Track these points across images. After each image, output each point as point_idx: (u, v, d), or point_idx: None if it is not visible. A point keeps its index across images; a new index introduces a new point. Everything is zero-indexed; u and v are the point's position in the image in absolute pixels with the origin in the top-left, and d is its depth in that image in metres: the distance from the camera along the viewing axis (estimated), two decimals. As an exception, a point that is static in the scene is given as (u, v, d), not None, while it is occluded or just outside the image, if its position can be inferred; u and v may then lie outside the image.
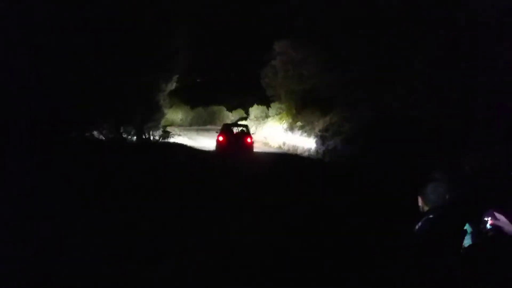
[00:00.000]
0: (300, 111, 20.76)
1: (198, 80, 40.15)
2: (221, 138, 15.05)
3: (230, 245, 5.42)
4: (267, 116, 27.61)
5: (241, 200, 7.73)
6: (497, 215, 2.10)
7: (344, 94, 15.37)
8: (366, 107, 13.26)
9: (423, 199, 2.56)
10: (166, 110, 22.74)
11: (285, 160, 15.01)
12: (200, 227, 6.03)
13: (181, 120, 34.17)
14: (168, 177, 9.11)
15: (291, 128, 20.71)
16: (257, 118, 28.88)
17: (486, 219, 2.10)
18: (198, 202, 7.46)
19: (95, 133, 13.83)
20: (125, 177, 8.13)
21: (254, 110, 29.84)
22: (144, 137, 16.39)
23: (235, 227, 6.05)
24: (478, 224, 2.11)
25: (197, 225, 6.13)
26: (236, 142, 15.05)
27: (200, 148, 16.79)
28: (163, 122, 21.48)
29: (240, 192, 8.29)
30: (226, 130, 16.08)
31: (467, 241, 2.13)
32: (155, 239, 5.54)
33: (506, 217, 2.09)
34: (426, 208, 2.53)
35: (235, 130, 16.96)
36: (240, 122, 22.75)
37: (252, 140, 15.80)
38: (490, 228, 2.09)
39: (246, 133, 16.05)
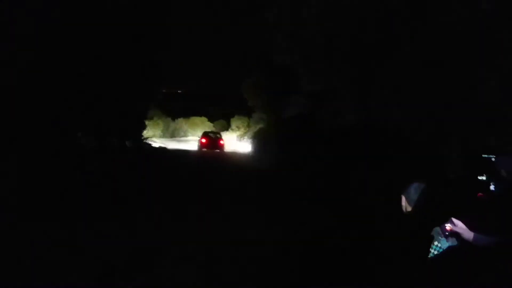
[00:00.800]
0: (283, 121, 20.86)
1: (179, 91, 40.06)
2: (203, 140, 22.74)
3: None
4: (249, 126, 27.77)
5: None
6: (455, 221, 2.17)
7: (324, 105, 15.64)
8: (346, 115, 13.50)
9: (406, 199, 2.60)
10: (147, 122, 22.68)
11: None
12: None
13: (162, 131, 33.88)
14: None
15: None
16: (238, 128, 29.06)
17: (445, 225, 2.18)
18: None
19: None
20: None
21: (235, 121, 30.02)
22: (125, 147, 16.34)
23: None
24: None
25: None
26: (212, 142, 22.69)
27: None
28: (144, 134, 21.38)
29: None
30: (206, 135, 23.96)
31: (444, 244, 2.19)
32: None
33: (464, 223, 2.15)
34: (408, 208, 2.58)
35: (212, 135, 24.45)
36: (215, 131, 29.89)
37: (223, 142, 23.40)
38: (448, 234, 2.17)
39: (220, 137, 23.97)
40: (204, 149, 22.08)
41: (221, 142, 23.06)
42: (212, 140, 22.80)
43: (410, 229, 2.45)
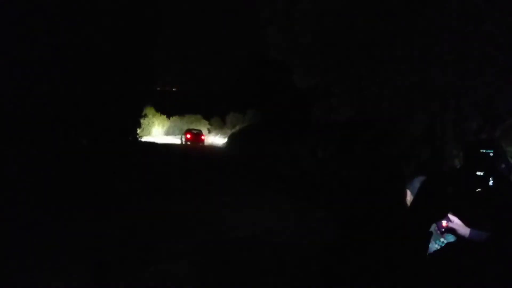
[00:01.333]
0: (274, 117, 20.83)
1: (174, 89, 39.89)
2: (188, 136, 28.12)
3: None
4: (244, 122, 27.73)
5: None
6: (451, 217, 2.15)
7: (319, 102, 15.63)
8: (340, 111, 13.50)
9: (411, 193, 2.59)
10: (142, 120, 22.55)
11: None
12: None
13: (156, 130, 33.76)
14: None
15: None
16: (234, 126, 29.00)
17: (441, 222, 2.16)
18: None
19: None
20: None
21: (230, 118, 29.99)
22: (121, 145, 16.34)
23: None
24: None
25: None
26: (195, 137, 28.11)
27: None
28: (139, 132, 21.29)
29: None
30: (190, 131, 29.24)
31: (449, 238, 2.18)
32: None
33: (460, 219, 2.13)
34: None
35: (195, 131, 29.52)
36: (197, 128, 33.92)
37: (204, 137, 29.01)
38: (444, 230, 2.16)
39: (201, 133, 29.45)
40: (188, 142, 27.15)
41: (202, 137, 28.66)
42: (194, 135, 28.30)
43: (410, 225, 2.43)
